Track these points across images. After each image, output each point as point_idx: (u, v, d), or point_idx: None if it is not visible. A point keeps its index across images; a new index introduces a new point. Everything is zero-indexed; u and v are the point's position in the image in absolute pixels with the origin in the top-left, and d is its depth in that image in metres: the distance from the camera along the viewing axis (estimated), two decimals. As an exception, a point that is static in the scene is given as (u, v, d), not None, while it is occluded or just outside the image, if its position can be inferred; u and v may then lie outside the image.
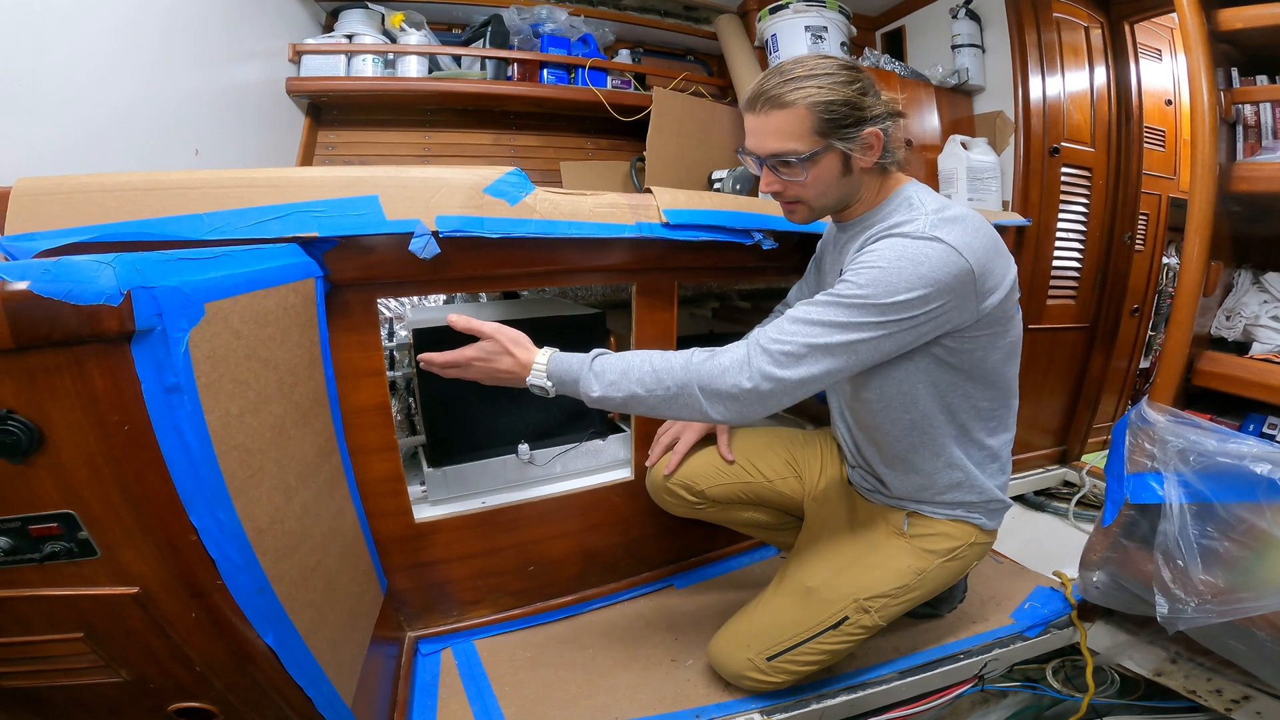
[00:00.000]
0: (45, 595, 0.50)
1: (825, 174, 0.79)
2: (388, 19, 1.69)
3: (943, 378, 0.81)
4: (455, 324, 0.79)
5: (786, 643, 0.90)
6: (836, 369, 0.73)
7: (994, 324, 0.78)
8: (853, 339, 0.71)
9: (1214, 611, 0.82)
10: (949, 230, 0.72)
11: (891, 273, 0.70)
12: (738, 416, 0.74)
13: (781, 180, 0.80)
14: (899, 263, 0.71)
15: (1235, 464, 0.81)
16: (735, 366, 0.73)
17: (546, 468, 1.12)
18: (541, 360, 0.78)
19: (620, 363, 0.76)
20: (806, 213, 0.84)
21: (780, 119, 0.76)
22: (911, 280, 0.70)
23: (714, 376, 0.73)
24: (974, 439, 0.87)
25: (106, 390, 0.45)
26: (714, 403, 0.73)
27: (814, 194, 0.81)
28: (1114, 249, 1.75)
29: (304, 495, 0.68)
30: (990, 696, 1.15)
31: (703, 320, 1.81)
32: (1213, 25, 0.93)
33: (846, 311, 0.71)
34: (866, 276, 0.71)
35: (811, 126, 0.75)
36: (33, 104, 0.86)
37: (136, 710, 0.58)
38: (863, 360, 0.74)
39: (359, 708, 0.74)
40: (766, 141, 0.78)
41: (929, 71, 1.69)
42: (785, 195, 0.83)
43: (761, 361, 0.72)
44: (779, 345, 0.72)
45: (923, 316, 0.72)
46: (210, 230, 0.71)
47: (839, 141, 0.76)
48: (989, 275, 0.74)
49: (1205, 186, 0.92)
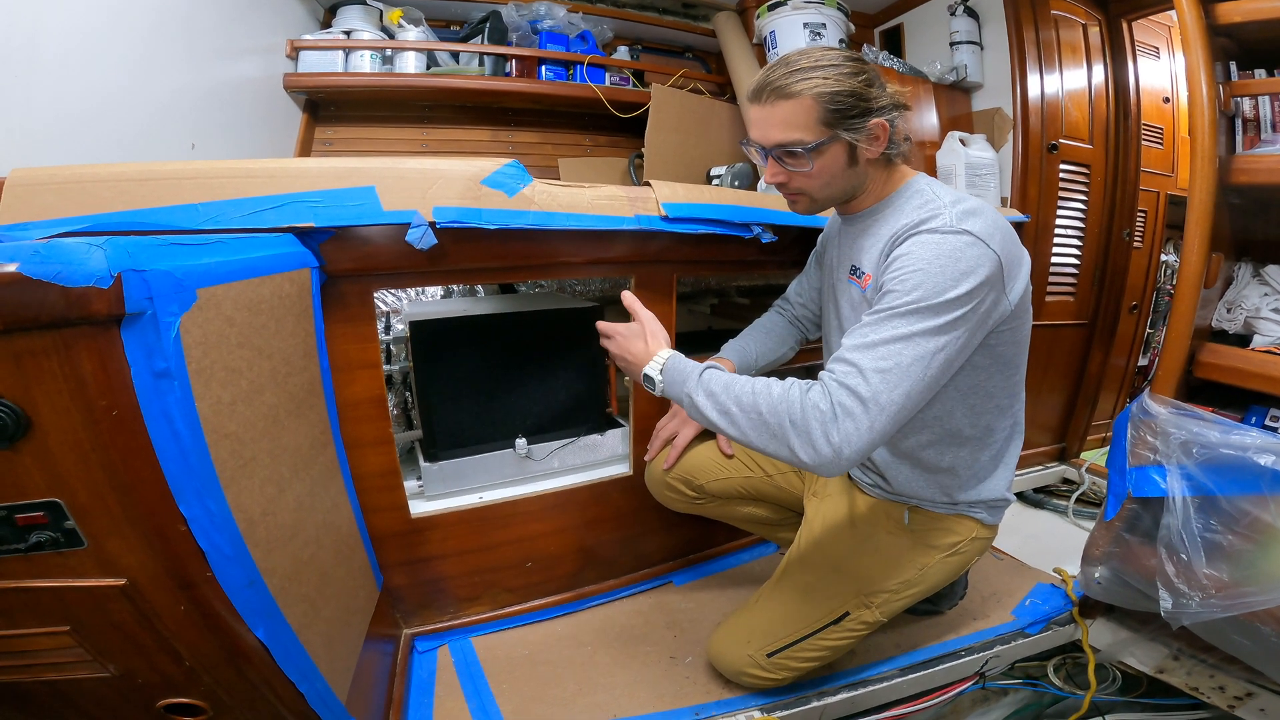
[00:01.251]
0: (31, 587, 0.49)
1: (831, 165, 0.78)
2: (386, 15, 1.69)
3: (964, 376, 0.80)
4: (626, 300, 0.87)
5: (787, 639, 0.89)
6: (923, 392, 0.67)
7: (1017, 316, 0.78)
8: (923, 350, 0.66)
9: (1218, 606, 0.81)
10: (973, 222, 0.71)
11: (934, 273, 0.68)
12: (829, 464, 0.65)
13: (786, 171, 0.80)
14: (939, 261, 0.69)
15: (1239, 456, 0.80)
16: (829, 410, 0.65)
17: (544, 462, 1.11)
18: (662, 356, 0.79)
19: (727, 378, 0.73)
20: (809, 204, 0.84)
21: (786, 109, 0.75)
22: (955, 276, 0.67)
23: (808, 417, 0.66)
24: (981, 434, 0.86)
25: (95, 374, 0.44)
26: (806, 445, 0.66)
27: (819, 185, 0.80)
28: (1112, 246, 1.76)
29: (298, 487, 0.67)
30: (991, 694, 1.14)
31: (701, 317, 1.81)
32: (1211, 19, 0.93)
33: (905, 321, 0.67)
34: (912, 281, 0.68)
35: (817, 117, 0.74)
36: (25, 96, 0.85)
37: (125, 706, 0.57)
38: (944, 373, 0.69)
39: (354, 705, 0.73)
40: (771, 132, 0.77)
41: (927, 68, 1.69)
42: (790, 186, 0.82)
43: (845, 400, 0.65)
44: (855, 380, 0.66)
45: (973, 312, 0.69)
46: (205, 220, 0.70)
47: (845, 132, 0.76)
48: (1012, 264, 0.74)
49: (1205, 178, 0.92)
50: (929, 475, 0.88)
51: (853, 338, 0.70)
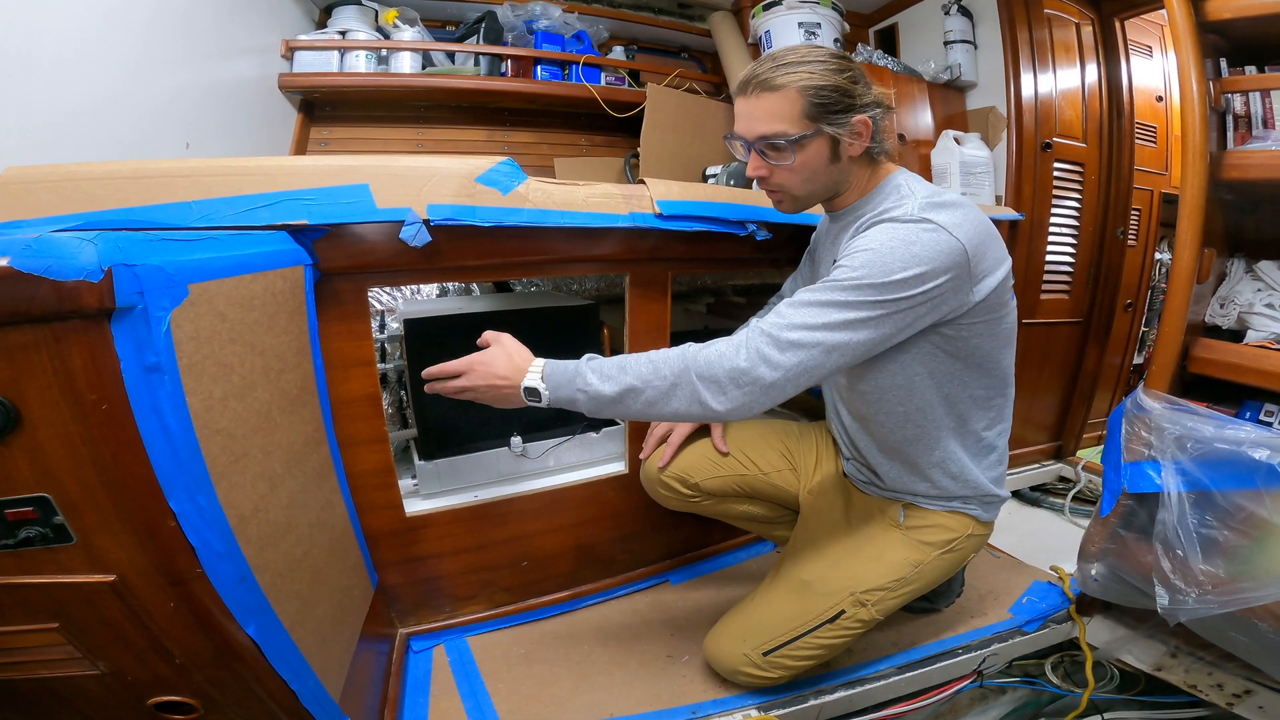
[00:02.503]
0: (19, 583, 0.49)
1: (813, 160, 0.78)
2: (381, 15, 1.69)
3: (940, 366, 0.81)
4: (485, 338, 0.81)
5: (783, 637, 0.89)
6: (836, 350, 0.71)
7: (990, 310, 0.78)
8: (851, 317, 0.70)
9: (1215, 602, 0.81)
10: (939, 213, 0.72)
11: (884, 254, 0.70)
12: (739, 406, 0.72)
13: (768, 165, 0.80)
14: (890, 244, 0.71)
15: (1233, 450, 0.80)
16: (732, 350, 0.72)
17: (539, 461, 1.10)
18: (536, 364, 0.78)
19: (617, 359, 0.76)
20: (791, 202, 0.84)
21: (770, 102, 0.76)
22: (905, 260, 0.70)
23: (711, 362, 0.72)
24: (970, 429, 0.87)
25: (84, 368, 0.44)
26: (713, 391, 0.71)
27: (799, 180, 0.81)
28: (1107, 244, 1.76)
29: (290, 484, 0.67)
30: (989, 693, 1.14)
31: (697, 316, 1.81)
32: (1200, 15, 0.94)
33: (843, 293, 0.71)
34: (860, 259, 0.71)
35: (801, 110, 0.75)
36: (23, 96, 0.85)
37: (115, 704, 0.57)
38: (862, 343, 0.72)
39: (348, 704, 0.73)
40: (755, 124, 0.78)
41: (921, 67, 1.70)
42: (770, 181, 0.82)
43: (760, 343, 0.71)
44: (776, 328, 0.71)
45: (920, 297, 0.71)
46: (198, 217, 0.70)
47: (828, 126, 0.76)
48: (982, 258, 0.74)
49: (1196, 173, 0.92)
50: (918, 471, 0.88)
51: (796, 296, 0.74)
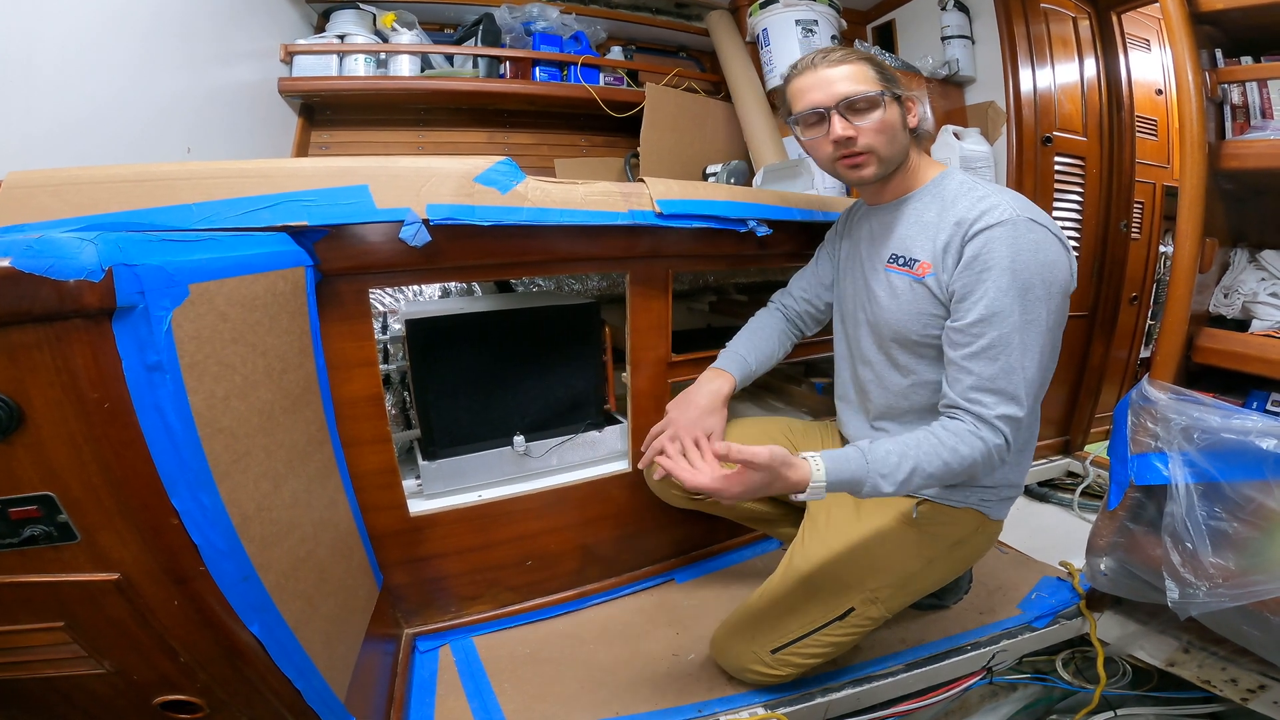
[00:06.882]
0: (24, 582, 0.49)
1: (893, 120, 0.81)
2: (379, 19, 1.70)
3: None
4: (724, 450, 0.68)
5: (791, 635, 0.89)
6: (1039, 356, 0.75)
7: None
8: (1036, 333, 0.74)
9: (1226, 596, 0.80)
10: (1031, 211, 0.75)
11: (1021, 263, 0.73)
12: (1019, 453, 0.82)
13: (854, 126, 0.80)
14: (1021, 254, 0.73)
15: (1241, 440, 0.79)
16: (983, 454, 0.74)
17: (543, 460, 1.10)
18: (817, 472, 0.71)
19: (898, 459, 0.73)
20: (878, 164, 0.82)
21: (845, 68, 0.79)
22: (1044, 263, 0.73)
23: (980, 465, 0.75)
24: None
25: (87, 367, 0.45)
26: (987, 471, 0.77)
27: (885, 140, 0.81)
28: (1110, 237, 1.75)
29: (293, 484, 0.67)
30: (999, 689, 1.13)
31: (700, 314, 1.81)
32: (1194, 6, 0.93)
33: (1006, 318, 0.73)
34: (1004, 281, 0.73)
35: (874, 75, 0.80)
36: (25, 102, 0.86)
37: (122, 703, 0.57)
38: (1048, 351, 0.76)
39: (353, 703, 0.73)
40: (836, 86, 0.79)
41: (920, 63, 1.69)
42: (858, 142, 0.80)
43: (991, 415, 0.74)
44: (988, 387, 0.74)
45: (1061, 294, 0.75)
46: (200, 220, 0.70)
47: (897, 90, 0.81)
48: None
49: (1195, 163, 0.92)
50: None
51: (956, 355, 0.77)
